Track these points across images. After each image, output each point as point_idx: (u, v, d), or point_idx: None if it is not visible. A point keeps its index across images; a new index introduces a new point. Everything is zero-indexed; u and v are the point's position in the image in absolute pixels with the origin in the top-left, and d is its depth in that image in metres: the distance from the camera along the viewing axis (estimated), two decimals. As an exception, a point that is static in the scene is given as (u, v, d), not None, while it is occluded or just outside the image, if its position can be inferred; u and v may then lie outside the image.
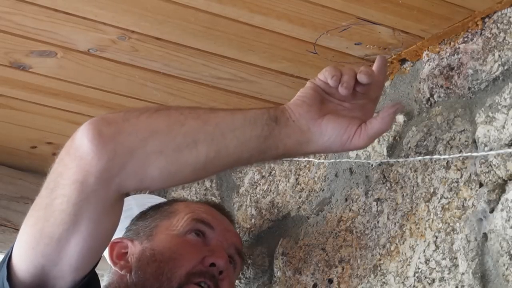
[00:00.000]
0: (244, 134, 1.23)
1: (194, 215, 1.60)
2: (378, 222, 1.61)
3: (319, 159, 1.79)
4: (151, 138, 1.20)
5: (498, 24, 1.46)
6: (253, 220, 1.94)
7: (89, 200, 1.19)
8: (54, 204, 1.21)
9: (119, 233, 1.95)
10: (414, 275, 1.49)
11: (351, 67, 1.31)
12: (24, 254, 1.25)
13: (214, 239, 1.57)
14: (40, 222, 1.23)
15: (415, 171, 1.55)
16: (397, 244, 1.55)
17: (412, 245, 1.52)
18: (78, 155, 1.19)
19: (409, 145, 1.58)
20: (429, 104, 1.58)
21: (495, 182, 1.39)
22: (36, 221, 1.23)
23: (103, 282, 1.57)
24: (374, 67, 1.37)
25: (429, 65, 1.59)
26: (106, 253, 2.07)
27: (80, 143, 1.19)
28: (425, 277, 1.47)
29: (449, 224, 1.46)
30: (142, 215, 1.68)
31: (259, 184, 1.96)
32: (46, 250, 1.23)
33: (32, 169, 2.30)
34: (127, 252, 1.58)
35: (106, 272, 2.34)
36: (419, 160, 1.54)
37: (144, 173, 1.20)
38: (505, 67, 1.43)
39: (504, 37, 1.44)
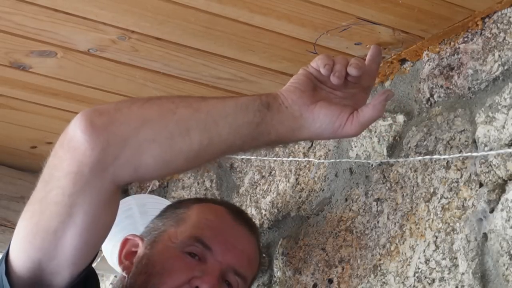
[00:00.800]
0: (236, 120, 1.24)
1: (195, 232, 1.54)
2: (378, 222, 1.61)
3: (319, 159, 1.79)
4: (144, 126, 1.21)
5: (498, 24, 1.46)
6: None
7: (84, 191, 1.19)
8: (49, 197, 1.21)
9: (118, 234, 1.96)
10: (414, 275, 1.49)
11: (344, 56, 1.31)
12: (21, 249, 1.25)
13: (211, 259, 1.53)
14: (36, 215, 1.23)
15: (415, 171, 1.55)
16: (397, 244, 1.55)
17: (412, 245, 1.52)
18: (71, 146, 1.19)
19: (409, 145, 1.58)
20: (429, 104, 1.58)
21: (495, 182, 1.39)
22: (32, 215, 1.23)
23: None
24: (368, 55, 1.37)
25: (429, 65, 1.59)
26: (107, 253, 2.08)
27: (73, 134, 1.19)
28: (425, 277, 1.47)
29: (449, 224, 1.46)
30: (162, 213, 1.66)
31: (259, 184, 1.96)
32: (42, 244, 1.23)
33: (32, 169, 2.30)
34: (136, 251, 1.57)
35: (106, 272, 2.35)
36: (419, 160, 1.54)
37: (138, 161, 1.21)
38: (505, 67, 1.43)
39: (504, 37, 1.44)
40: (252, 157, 1.98)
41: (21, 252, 1.25)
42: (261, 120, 1.25)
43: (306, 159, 1.83)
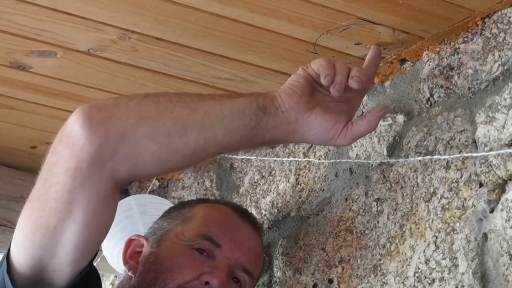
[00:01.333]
0: (233, 123, 1.25)
1: (203, 230, 1.55)
2: (378, 222, 1.61)
3: (319, 159, 1.79)
4: (141, 123, 1.21)
5: (498, 24, 1.46)
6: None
7: (83, 187, 1.20)
8: (48, 193, 1.21)
9: (118, 234, 1.96)
10: (414, 275, 1.49)
11: (345, 63, 1.31)
12: (22, 246, 1.25)
13: (219, 255, 1.54)
14: (35, 212, 1.23)
15: (415, 171, 1.55)
16: (397, 244, 1.55)
17: (412, 245, 1.52)
18: (70, 142, 1.20)
19: (409, 145, 1.58)
20: (429, 104, 1.58)
21: (495, 182, 1.39)
22: (31, 212, 1.24)
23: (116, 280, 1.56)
24: (368, 56, 1.37)
25: (429, 65, 1.59)
26: (107, 253, 2.07)
27: (71, 130, 1.20)
28: (425, 277, 1.47)
29: (449, 224, 1.46)
30: (166, 214, 1.66)
31: (259, 184, 1.96)
32: (43, 241, 1.23)
33: (32, 169, 2.28)
34: (141, 252, 1.57)
35: (106, 272, 2.35)
36: (419, 160, 1.54)
37: (135, 158, 1.21)
38: (505, 67, 1.43)
39: (504, 37, 1.44)
40: (252, 157, 1.98)
41: (22, 249, 1.25)
42: (257, 124, 1.26)
43: (306, 159, 1.83)
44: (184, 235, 1.54)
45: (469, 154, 1.44)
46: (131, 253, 1.58)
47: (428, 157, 1.52)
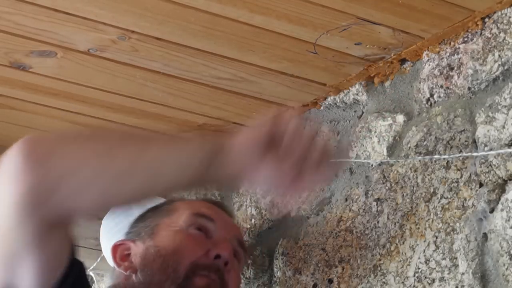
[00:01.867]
0: (181, 167, 1.21)
1: (194, 210, 1.60)
2: (378, 222, 1.61)
3: (319, 159, 1.79)
4: (84, 166, 1.17)
5: (498, 24, 1.46)
6: (253, 220, 1.94)
7: (22, 222, 1.15)
8: None
9: (118, 234, 1.95)
10: (414, 275, 1.49)
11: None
12: None
13: (216, 232, 1.58)
14: None
15: (415, 171, 1.55)
16: (397, 244, 1.55)
17: (412, 245, 1.52)
18: (10, 174, 1.16)
19: (409, 145, 1.58)
20: (429, 104, 1.58)
21: (495, 182, 1.39)
22: None
23: (106, 283, 1.56)
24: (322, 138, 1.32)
25: (429, 65, 1.59)
26: (107, 253, 2.07)
27: (13, 161, 1.16)
28: (425, 277, 1.47)
29: (449, 224, 1.46)
30: (141, 217, 1.68)
31: (259, 184, 1.96)
32: (2, 272, 1.20)
33: (32, 169, 2.29)
34: (130, 253, 1.58)
35: (106, 272, 2.35)
36: (419, 160, 1.54)
37: (75, 200, 1.17)
38: (505, 67, 1.43)
39: (504, 37, 1.44)
40: (252, 157, 1.98)
41: None
42: (206, 168, 1.22)
43: (306, 159, 1.82)
44: (175, 221, 1.57)
45: (469, 154, 1.44)
46: (121, 257, 1.58)
47: (428, 157, 1.52)
